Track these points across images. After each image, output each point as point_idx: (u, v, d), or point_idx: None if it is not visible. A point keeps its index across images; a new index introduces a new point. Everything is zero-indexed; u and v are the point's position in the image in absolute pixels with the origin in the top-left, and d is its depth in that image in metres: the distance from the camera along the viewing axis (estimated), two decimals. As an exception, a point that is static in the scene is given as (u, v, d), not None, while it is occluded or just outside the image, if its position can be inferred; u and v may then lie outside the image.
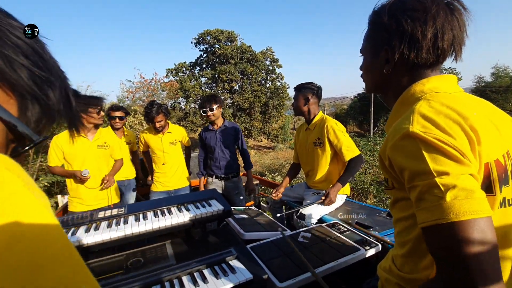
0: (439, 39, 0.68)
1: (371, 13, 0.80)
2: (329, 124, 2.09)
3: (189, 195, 1.68)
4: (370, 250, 1.35)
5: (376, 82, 0.84)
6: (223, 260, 1.23)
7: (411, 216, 0.71)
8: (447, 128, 0.59)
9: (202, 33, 18.33)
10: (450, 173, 0.55)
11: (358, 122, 26.64)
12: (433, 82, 0.71)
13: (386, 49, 0.75)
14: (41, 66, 0.39)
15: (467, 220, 0.51)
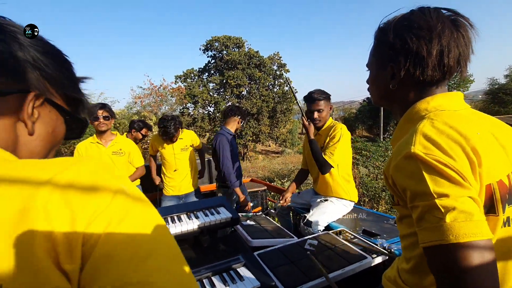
0: (445, 56, 0.68)
1: (377, 30, 0.80)
2: (337, 127, 2.10)
3: (199, 202, 1.72)
4: (377, 258, 1.36)
5: (382, 96, 0.85)
6: (231, 267, 1.26)
7: (415, 233, 0.70)
8: (448, 149, 0.59)
9: (210, 39, 18.58)
10: (450, 195, 0.56)
11: (368, 126, 26.39)
12: (438, 100, 0.71)
13: (392, 66, 0.75)
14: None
15: (466, 242, 0.53)
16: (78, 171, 0.36)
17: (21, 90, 0.43)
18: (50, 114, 0.47)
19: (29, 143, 0.45)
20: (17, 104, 0.43)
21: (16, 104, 0.43)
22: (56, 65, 0.47)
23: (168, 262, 0.35)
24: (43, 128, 0.47)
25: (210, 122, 17.46)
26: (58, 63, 0.48)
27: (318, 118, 2.15)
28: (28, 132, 0.44)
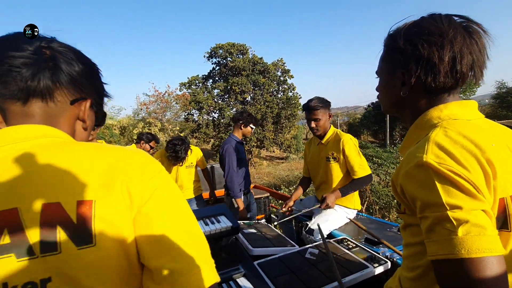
0: (458, 63, 0.66)
1: (386, 37, 0.79)
2: (345, 139, 2.08)
3: (199, 211, 1.72)
4: (379, 268, 1.34)
5: (393, 103, 0.83)
6: (231, 277, 1.25)
7: (421, 243, 0.69)
8: (463, 160, 0.57)
9: (215, 47, 18.72)
10: (463, 208, 0.54)
11: (373, 131, 26.14)
12: (451, 109, 0.69)
13: (403, 73, 0.74)
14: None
15: (479, 257, 0.51)
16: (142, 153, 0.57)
17: (83, 98, 0.60)
18: (92, 112, 0.65)
19: (81, 134, 0.63)
20: (78, 108, 0.60)
21: (77, 108, 0.60)
22: (96, 76, 0.64)
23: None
24: (89, 123, 0.64)
25: (215, 128, 17.49)
26: (97, 74, 0.64)
27: (316, 127, 2.16)
28: (84, 127, 0.63)
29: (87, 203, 0.46)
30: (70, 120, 0.59)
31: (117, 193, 0.48)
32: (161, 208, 0.52)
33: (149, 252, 0.50)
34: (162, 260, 0.49)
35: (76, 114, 0.60)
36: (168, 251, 0.50)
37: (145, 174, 0.52)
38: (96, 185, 0.48)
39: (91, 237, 0.45)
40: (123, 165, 0.51)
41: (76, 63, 0.57)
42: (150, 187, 0.52)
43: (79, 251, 0.45)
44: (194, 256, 0.51)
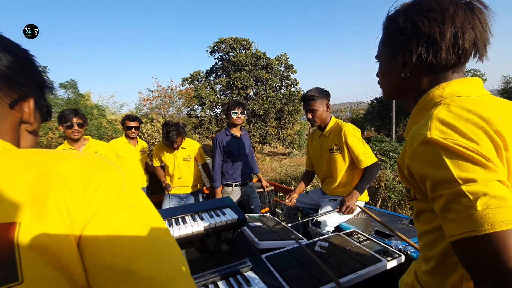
0: (459, 38, 0.64)
1: (385, 19, 0.77)
2: (346, 129, 2.03)
3: (203, 203, 1.66)
4: (392, 261, 1.28)
5: (395, 87, 0.80)
6: (238, 271, 1.20)
7: (435, 230, 0.67)
8: (469, 133, 0.54)
9: (217, 41, 18.62)
10: (478, 180, 0.51)
11: (376, 127, 26.01)
12: (454, 86, 0.67)
13: (403, 52, 0.72)
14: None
15: (505, 230, 0.47)
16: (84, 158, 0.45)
17: (24, 97, 0.51)
18: (37, 111, 0.55)
19: (28, 139, 0.55)
20: (21, 110, 0.51)
21: (20, 110, 0.51)
22: (33, 67, 0.54)
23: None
24: (36, 124, 0.56)
25: (217, 124, 17.42)
26: (32, 64, 0.54)
27: (312, 118, 2.11)
28: (30, 130, 0.54)
29: (8, 226, 0.35)
30: (13, 126, 0.50)
31: (50, 212, 0.37)
32: (111, 225, 0.40)
33: (98, 283, 0.39)
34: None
35: (19, 117, 0.51)
36: (123, 281, 0.39)
37: (88, 185, 0.41)
38: (21, 202, 0.37)
39: (15, 272, 0.34)
40: (56, 175, 0.40)
41: (2, 55, 0.47)
42: (95, 200, 0.40)
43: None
44: (161, 282, 0.40)
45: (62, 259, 0.37)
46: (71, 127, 2.45)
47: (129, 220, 0.42)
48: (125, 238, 0.41)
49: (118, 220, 0.41)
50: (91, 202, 0.40)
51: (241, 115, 2.71)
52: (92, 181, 0.42)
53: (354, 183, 2.09)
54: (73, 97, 10.27)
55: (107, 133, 10.16)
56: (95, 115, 10.09)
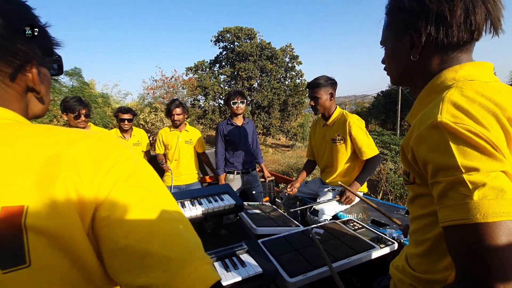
0: (471, 13, 0.62)
1: (388, 1, 0.75)
2: (351, 120, 2.02)
3: (203, 189, 1.70)
4: (385, 248, 1.31)
5: (402, 71, 0.78)
6: (234, 253, 1.23)
7: (431, 214, 0.67)
8: (481, 119, 0.53)
9: (222, 30, 18.49)
10: (480, 169, 0.50)
11: (381, 120, 25.83)
12: (467, 69, 0.65)
13: (411, 34, 0.69)
14: None
15: (495, 222, 0.47)
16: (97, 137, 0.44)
17: (24, 64, 0.47)
18: (44, 71, 0.53)
19: (36, 106, 0.53)
20: (24, 78, 0.48)
21: (23, 78, 0.48)
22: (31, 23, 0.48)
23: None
24: (44, 89, 0.53)
25: (221, 114, 17.44)
26: (32, 20, 0.49)
27: (315, 105, 2.12)
28: (39, 97, 0.52)
29: (16, 209, 0.35)
30: (18, 95, 0.48)
31: (58, 196, 0.37)
32: (123, 207, 0.40)
33: (113, 266, 0.39)
34: (131, 275, 0.39)
35: (24, 86, 0.49)
36: (139, 262, 0.39)
37: (98, 168, 0.40)
38: (29, 184, 0.36)
39: (22, 255, 0.34)
40: (67, 158, 0.39)
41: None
42: (106, 183, 0.40)
43: (6, 275, 0.34)
44: (177, 262, 0.40)
45: (71, 244, 0.37)
46: (78, 117, 2.48)
47: (141, 201, 0.41)
48: (138, 220, 0.40)
49: (130, 201, 0.41)
50: (101, 185, 0.39)
51: (241, 104, 2.73)
52: (103, 163, 0.41)
53: (353, 174, 2.11)
54: (77, 85, 10.30)
55: (111, 122, 10.22)
56: (99, 103, 10.15)
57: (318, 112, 2.16)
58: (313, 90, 2.10)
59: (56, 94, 9.46)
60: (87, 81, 11.09)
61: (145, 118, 11.41)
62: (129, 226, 0.39)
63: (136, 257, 0.39)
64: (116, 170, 0.41)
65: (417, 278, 0.72)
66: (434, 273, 0.68)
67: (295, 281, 1.08)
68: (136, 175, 0.43)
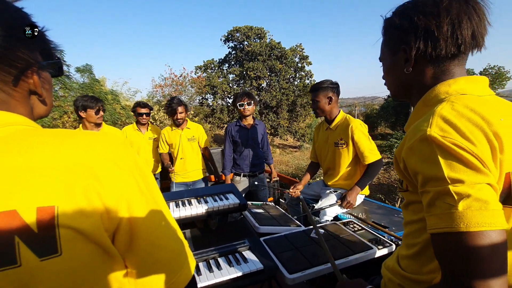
0: (457, 28, 0.66)
1: (383, 22, 0.81)
2: (354, 124, 2.05)
3: (208, 188, 1.77)
4: (383, 250, 1.36)
5: (399, 84, 0.83)
6: (236, 250, 1.30)
7: (421, 220, 0.70)
8: (468, 133, 0.56)
9: (232, 30, 18.53)
10: (465, 182, 0.54)
11: (390, 123, 25.47)
12: (460, 84, 0.68)
13: (404, 48, 0.74)
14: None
15: (477, 231, 0.51)
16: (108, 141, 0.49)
17: (24, 71, 0.49)
18: (45, 75, 0.55)
19: (39, 108, 0.55)
20: (26, 83, 0.50)
21: (25, 83, 0.50)
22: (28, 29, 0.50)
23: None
24: (46, 92, 0.55)
25: (229, 113, 17.52)
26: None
27: (314, 109, 2.18)
28: (42, 99, 0.54)
29: (49, 209, 0.40)
30: (22, 100, 0.51)
31: (82, 199, 0.42)
32: (135, 213, 0.48)
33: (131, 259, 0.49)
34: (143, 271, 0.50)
35: (27, 90, 0.51)
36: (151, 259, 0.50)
37: (115, 173, 0.46)
38: (58, 187, 0.41)
39: (55, 246, 0.41)
40: (85, 167, 0.44)
41: None
42: (121, 185, 0.46)
43: (42, 262, 0.40)
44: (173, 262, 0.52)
45: (95, 239, 0.44)
46: (98, 112, 2.65)
47: (147, 207, 0.49)
48: (147, 225, 0.48)
49: (141, 208, 0.48)
50: (115, 192, 0.45)
51: (248, 105, 2.72)
52: (118, 166, 0.47)
53: (355, 177, 2.14)
54: (88, 81, 10.43)
55: (120, 119, 10.36)
56: (109, 100, 10.27)
57: (318, 115, 2.20)
58: (312, 93, 2.16)
59: (67, 90, 9.64)
60: (98, 78, 11.24)
61: (154, 115, 11.56)
62: (140, 232, 0.48)
63: (147, 257, 0.49)
64: (128, 176, 0.48)
65: (405, 278, 0.76)
66: (421, 274, 0.72)
67: (294, 277, 1.14)
68: (143, 183, 0.50)
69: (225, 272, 1.15)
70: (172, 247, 0.52)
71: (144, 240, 0.48)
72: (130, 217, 0.47)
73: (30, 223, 0.39)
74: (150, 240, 0.49)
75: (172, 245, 0.52)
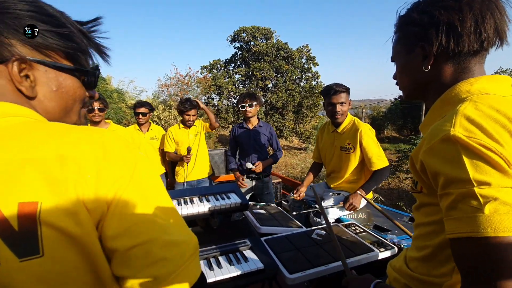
0: (480, 24, 0.63)
1: (397, 18, 0.77)
2: (363, 129, 2.01)
3: (211, 187, 1.78)
4: (385, 252, 1.35)
5: (415, 83, 0.79)
6: (238, 249, 1.30)
7: (435, 222, 0.68)
8: (495, 134, 0.53)
9: (238, 30, 18.54)
10: (492, 184, 0.51)
11: (398, 126, 25.11)
12: (483, 83, 0.65)
13: (422, 45, 0.70)
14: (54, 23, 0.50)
15: (506, 236, 0.48)
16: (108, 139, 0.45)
17: (3, 60, 0.46)
18: (46, 73, 0.50)
19: (40, 104, 0.51)
20: (7, 73, 0.47)
21: (6, 74, 0.47)
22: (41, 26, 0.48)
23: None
24: (44, 88, 0.51)
25: (234, 114, 17.52)
26: (44, 22, 0.49)
27: (340, 111, 2.06)
28: (27, 95, 0.49)
29: (31, 205, 0.38)
30: (9, 87, 0.47)
31: (68, 195, 0.39)
32: (127, 211, 0.43)
33: (115, 262, 0.43)
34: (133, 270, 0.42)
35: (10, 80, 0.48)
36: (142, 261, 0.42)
37: (102, 170, 0.42)
38: (43, 182, 0.39)
39: (37, 246, 0.38)
40: (73, 158, 0.41)
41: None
42: (110, 186, 0.42)
43: (22, 263, 0.37)
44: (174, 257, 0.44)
45: (82, 240, 0.40)
46: (92, 111, 2.51)
47: (141, 205, 0.44)
48: (140, 222, 0.43)
49: (133, 205, 0.44)
50: (105, 188, 0.42)
51: (249, 107, 2.69)
52: (106, 167, 0.42)
53: (359, 181, 2.13)
54: None
55: (125, 118, 10.42)
56: (114, 99, 10.34)
57: (341, 119, 2.10)
58: (339, 95, 2.04)
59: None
60: (104, 77, 11.29)
61: (159, 115, 11.63)
62: (134, 229, 0.42)
63: (140, 257, 0.42)
64: (119, 173, 0.43)
65: (413, 278, 0.75)
66: (432, 277, 0.70)
67: (294, 277, 1.14)
68: (137, 178, 0.45)
69: (225, 271, 1.16)
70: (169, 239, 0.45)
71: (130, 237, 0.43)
72: (119, 213, 0.42)
73: (10, 220, 0.37)
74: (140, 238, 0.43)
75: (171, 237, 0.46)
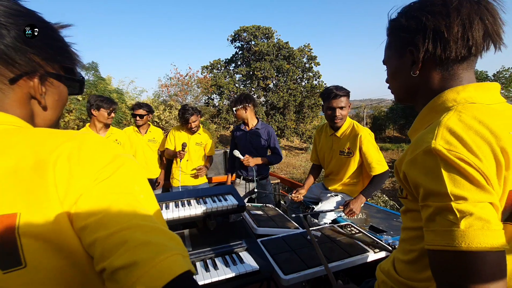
0: (468, 29, 0.62)
1: (388, 23, 0.77)
2: (363, 134, 2.00)
3: (208, 189, 1.79)
4: (379, 253, 1.36)
5: (404, 88, 0.79)
6: (233, 251, 1.32)
7: (419, 228, 0.68)
8: (475, 148, 0.53)
9: (239, 29, 18.54)
10: (468, 199, 0.52)
11: (399, 126, 24.97)
12: (469, 91, 0.64)
13: (411, 50, 0.70)
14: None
15: (479, 251, 0.49)
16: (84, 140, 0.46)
17: (26, 73, 0.50)
18: (52, 85, 0.55)
19: (42, 113, 0.55)
20: (27, 85, 0.51)
21: (26, 85, 0.50)
22: (46, 41, 0.51)
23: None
24: (51, 99, 0.56)
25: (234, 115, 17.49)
26: (47, 38, 0.52)
27: (340, 116, 2.03)
28: (43, 106, 0.54)
29: (10, 217, 0.38)
30: (20, 101, 0.50)
31: (46, 201, 0.39)
32: (100, 208, 0.42)
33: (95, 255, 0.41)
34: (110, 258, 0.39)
35: (27, 93, 0.51)
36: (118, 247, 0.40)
37: (74, 170, 0.42)
38: (21, 191, 0.39)
39: (18, 257, 0.38)
40: (49, 162, 0.41)
41: (7, 32, 0.46)
42: (81, 185, 0.42)
43: (6, 275, 0.37)
44: (158, 244, 0.41)
45: (64, 246, 0.40)
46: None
47: (118, 200, 0.43)
48: (115, 216, 0.42)
49: (107, 202, 0.42)
50: (76, 188, 0.41)
51: (236, 111, 2.73)
52: (78, 166, 0.42)
53: (357, 185, 2.13)
54: (93, 79, 10.22)
55: (125, 118, 10.40)
56: (114, 99, 10.31)
57: (341, 123, 2.08)
58: (340, 99, 1.99)
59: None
60: (104, 77, 11.16)
61: (160, 115, 11.64)
62: (107, 222, 0.41)
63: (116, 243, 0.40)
64: (90, 169, 0.43)
65: (399, 282, 0.77)
66: (415, 281, 0.72)
67: (289, 278, 1.16)
68: (114, 177, 0.44)
69: (221, 272, 1.17)
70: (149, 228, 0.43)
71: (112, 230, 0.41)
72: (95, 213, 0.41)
73: None
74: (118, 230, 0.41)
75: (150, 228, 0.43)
